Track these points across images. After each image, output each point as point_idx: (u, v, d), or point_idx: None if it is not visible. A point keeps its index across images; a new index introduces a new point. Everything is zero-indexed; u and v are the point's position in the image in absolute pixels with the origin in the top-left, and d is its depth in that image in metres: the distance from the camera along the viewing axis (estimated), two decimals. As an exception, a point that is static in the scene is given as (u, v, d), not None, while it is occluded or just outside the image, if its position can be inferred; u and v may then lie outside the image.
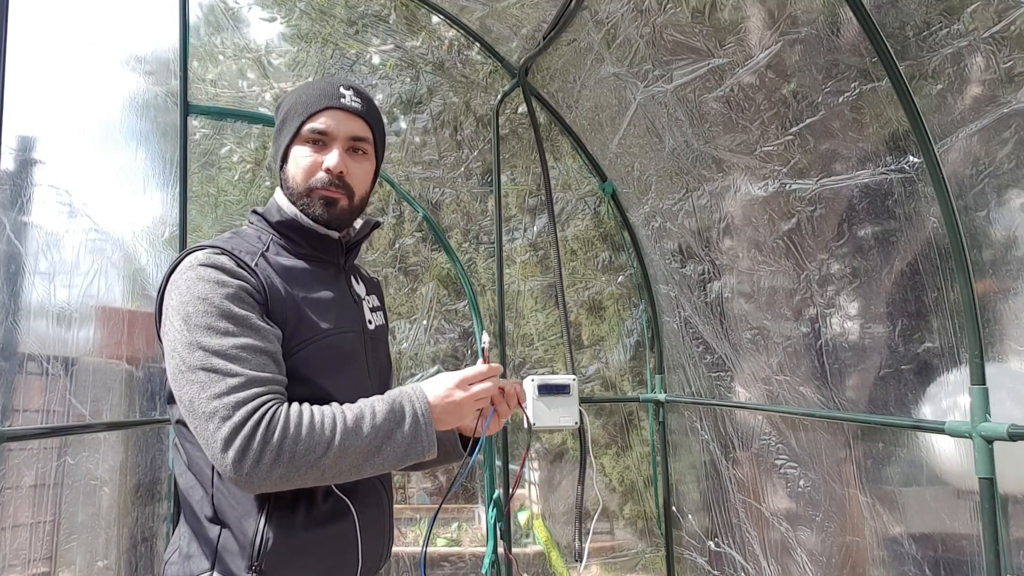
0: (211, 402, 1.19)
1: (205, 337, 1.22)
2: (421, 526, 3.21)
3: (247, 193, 2.96)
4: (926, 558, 1.95)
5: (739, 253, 2.60)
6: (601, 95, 2.89)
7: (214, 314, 1.23)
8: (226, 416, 1.18)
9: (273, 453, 1.18)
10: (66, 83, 2.20)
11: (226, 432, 1.17)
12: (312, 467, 1.20)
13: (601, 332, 3.29)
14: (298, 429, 1.20)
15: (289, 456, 1.18)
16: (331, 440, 1.21)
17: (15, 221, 1.88)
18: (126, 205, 2.45)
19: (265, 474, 1.17)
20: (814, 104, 2.13)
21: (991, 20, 1.64)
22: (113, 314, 2.27)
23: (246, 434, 1.17)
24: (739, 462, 2.72)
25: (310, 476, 1.21)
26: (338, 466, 1.23)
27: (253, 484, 1.19)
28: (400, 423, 1.28)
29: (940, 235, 1.84)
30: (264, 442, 1.17)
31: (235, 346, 1.22)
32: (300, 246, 1.45)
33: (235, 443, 1.16)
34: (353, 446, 1.23)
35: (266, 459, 1.17)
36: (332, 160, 1.41)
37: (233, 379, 1.20)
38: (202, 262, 1.29)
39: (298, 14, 3.02)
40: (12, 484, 1.80)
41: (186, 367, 1.22)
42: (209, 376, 1.20)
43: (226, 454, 1.17)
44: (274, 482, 1.19)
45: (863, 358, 2.15)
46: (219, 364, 1.20)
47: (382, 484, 1.48)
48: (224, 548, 1.29)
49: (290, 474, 1.19)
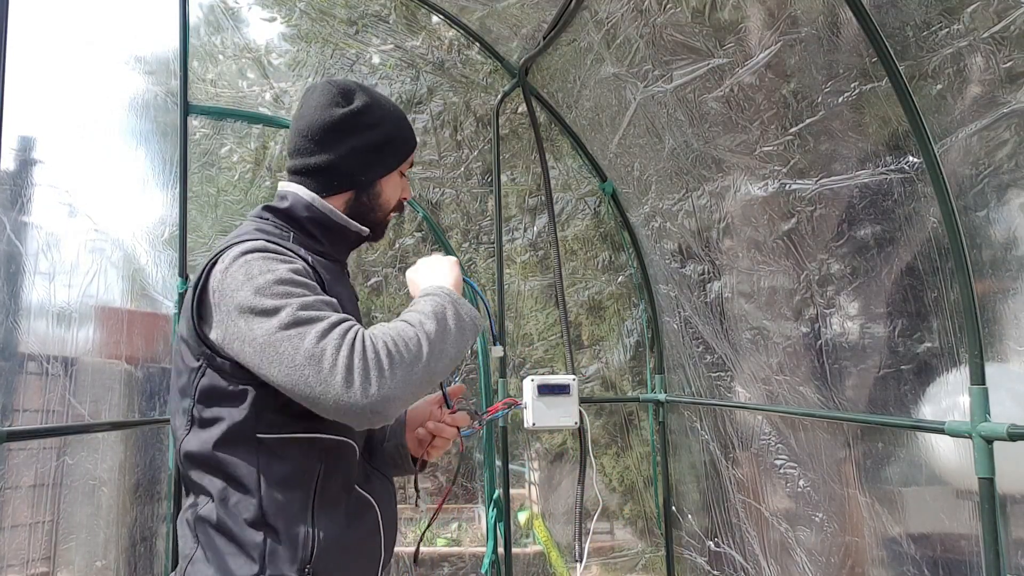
0: (315, 346, 1.20)
1: (283, 300, 1.24)
2: (421, 526, 3.21)
3: (247, 193, 2.96)
4: (926, 558, 1.95)
5: (739, 253, 2.60)
6: (601, 95, 2.89)
7: (286, 281, 1.26)
8: (335, 351, 1.20)
9: (390, 366, 1.21)
10: (66, 83, 2.20)
11: (343, 365, 1.19)
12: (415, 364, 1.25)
13: (601, 332, 3.29)
14: (392, 342, 1.24)
15: (399, 363, 1.23)
16: (417, 337, 1.27)
17: (15, 221, 1.88)
18: (126, 205, 2.45)
19: (389, 389, 1.20)
20: (814, 104, 2.13)
21: (991, 20, 1.64)
22: (113, 314, 2.27)
23: (360, 360, 1.20)
24: (739, 462, 2.72)
25: (418, 377, 1.25)
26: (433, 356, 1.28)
27: (381, 400, 1.20)
28: (444, 307, 1.35)
29: (940, 235, 1.84)
30: (377, 360, 1.21)
31: (316, 300, 1.26)
32: (319, 243, 1.47)
33: (356, 371, 1.19)
34: (432, 334, 1.29)
35: (387, 373, 1.21)
36: (410, 193, 1.63)
37: (323, 322, 1.23)
38: (250, 249, 1.30)
39: (298, 14, 3.02)
40: (11, 484, 1.80)
41: (275, 330, 1.22)
42: (301, 328, 1.22)
43: (350, 384, 1.19)
44: (397, 390, 1.22)
45: (863, 358, 2.15)
46: (306, 315, 1.23)
47: (386, 477, 1.51)
48: (272, 552, 1.28)
49: (406, 380, 1.23)
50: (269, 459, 1.29)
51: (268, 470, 1.29)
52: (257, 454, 1.29)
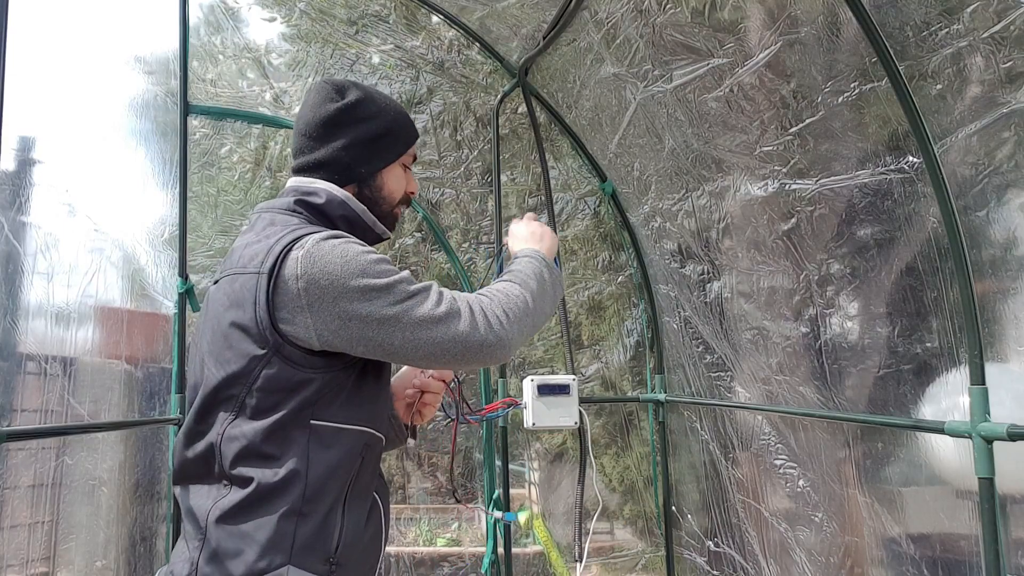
0: (438, 308, 1.31)
1: (391, 277, 1.32)
2: (421, 526, 3.21)
3: (247, 193, 2.96)
4: (925, 558, 1.95)
5: (739, 253, 2.60)
6: (601, 95, 2.89)
7: (381, 260, 1.33)
8: (457, 309, 1.33)
9: (508, 315, 1.37)
10: (66, 83, 2.20)
11: (467, 318, 1.32)
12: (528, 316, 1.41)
13: (601, 332, 3.29)
14: (503, 295, 1.40)
15: (514, 312, 1.38)
16: (523, 292, 1.43)
17: (14, 221, 1.88)
18: (126, 205, 2.45)
19: (511, 332, 1.36)
20: (814, 104, 2.12)
21: (991, 20, 1.64)
22: (112, 314, 2.27)
23: (480, 312, 1.34)
24: (739, 462, 2.72)
25: (530, 324, 1.43)
26: (538, 304, 1.46)
27: (508, 343, 1.35)
28: (539, 267, 1.52)
29: (940, 235, 1.84)
30: (494, 311, 1.35)
31: (411, 276, 1.36)
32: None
33: (479, 322, 1.33)
34: (532, 288, 1.46)
35: (505, 322, 1.35)
36: (415, 186, 1.63)
37: (432, 288, 1.35)
38: (328, 236, 1.34)
39: (298, 14, 3.02)
40: (11, 484, 1.80)
41: (396, 303, 1.30)
42: (419, 296, 1.32)
43: (477, 333, 1.32)
44: (516, 338, 1.38)
45: (863, 358, 2.15)
46: (418, 287, 1.34)
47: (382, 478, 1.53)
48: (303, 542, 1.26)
49: (523, 327, 1.40)
50: (318, 447, 1.29)
51: (316, 459, 1.29)
52: (308, 442, 1.29)
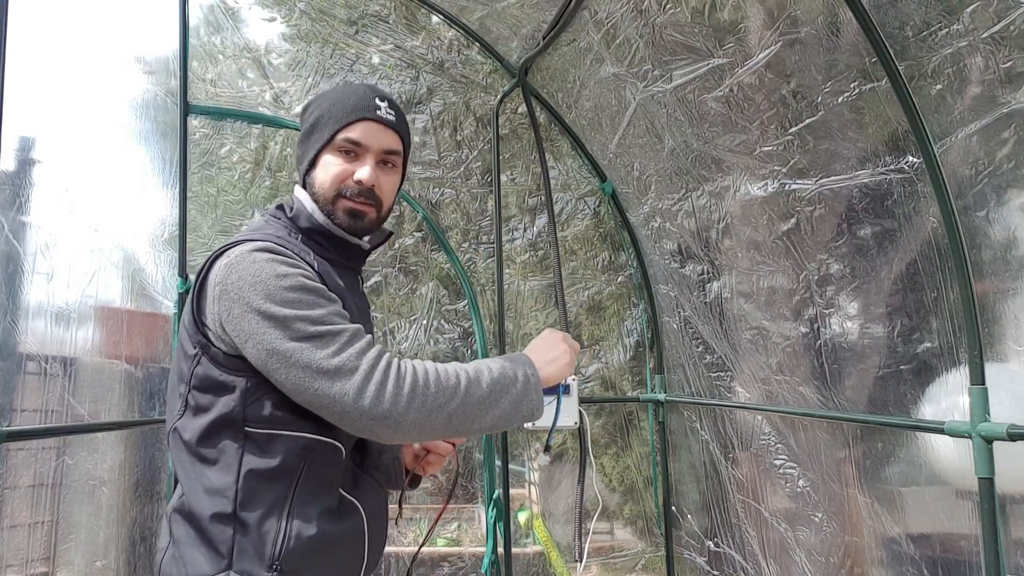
0: (331, 360, 1.21)
1: (298, 309, 1.23)
2: (421, 526, 3.21)
3: (247, 193, 2.96)
4: (925, 558, 1.95)
5: (738, 253, 2.60)
6: (601, 95, 2.89)
7: (298, 288, 1.25)
8: (354, 366, 1.21)
9: (408, 395, 1.22)
10: (66, 83, 2.20)
11: (358, 380, 1.20)
12: (440, 411, 1.24)
13: (601, 332, 3.29)
14: (425, 375, 1.25)
15: (421, 399, 1.22)
16: (456, 387, 1.26)
17: (14, 221, 1.88)
18: (126, 205, 2.45)
19: (403, 414, 1.21)
20: (814, 104, 2.12)
21: (991, 20, 1.64)
22: (112, 314, 2.27)
23: (379, 378, 1.21)
24: (738, 462, 2.72)
25: (438, 423, 1.25)
26: (464, 414, 1.27)
27: (392, 425, 1.21)
28: (513, 381, 1.33)
29: (939, 235, 1.83)
30: (398, 384, 1.21)
31: (330, 312, 1.26)
32: (328, 251, 1.46)
33: (369, 388, 1.20)
34: (477, 395, 1.28)
35: (403, 399, 1.21)
36: (365, 173, 1.43)
37: (343, 335, 1.23)
38: (259, 248, 1.29)
39: (298, 14, 3.02)
40: (10, 484, 1.80)
41: (290, 339, 1.22)
42: (319, 340, 1.22)
43: (361, 400, 1.19)
44: (411, 425, 1.22)
45: (862, 358, 2.14)
46: (322, 329, 1.23)
47: (377, 482, 1.50)
48: (240, 546, 1.28)
49: (422, 419, 1.23)
50: (253, 452, 1.29)
51: (250, 463, 1.28)
52: (243, 446, 1.29)
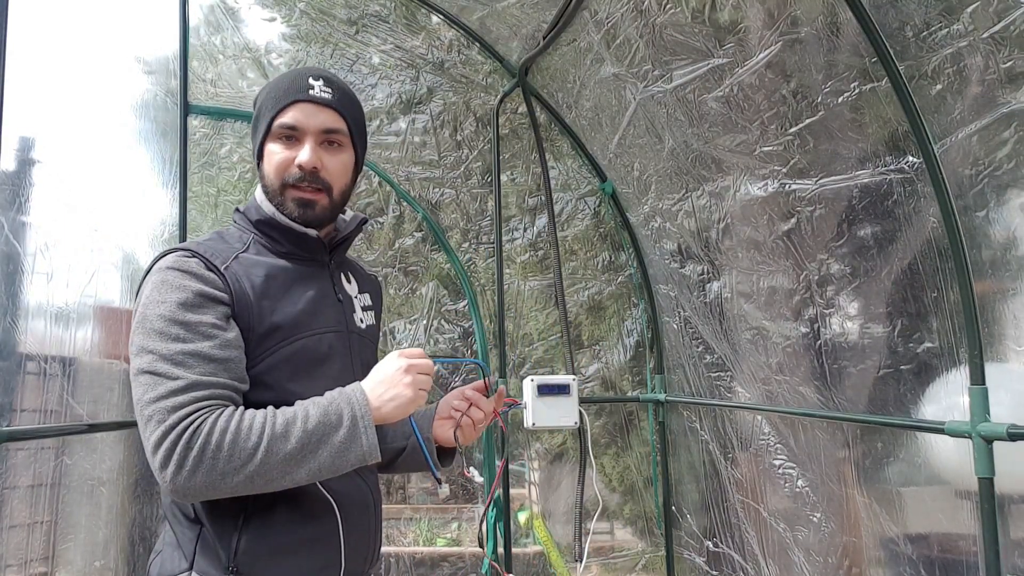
0: (149, 406, 1.18)
1: (154, 342, 1.22)
2: (421, 526, 3.21)
3: (247, 193, 2.96)
4: (925, 558, 1.95)
5: (739, 253, 2.60)
6: (601, 95, 2.89)
7: (167, 319, 1.23)
8: (160, 420, 1.17)
9: (195, 460, 1.15)
10: (66, 83, 2.20)
11: (157, 437, 1.16)
12: (236, 474, 1.17)
13: (601, 332, 3.29)
14: (222, 436, 1.17)
15: (211, 464, 1.16)
16: (256, 447, 1.18)
17: (13, 221, 1.88)
18: (125, 205, 2.45)
19: (187, 481, 1.15)
20: (814, 104, 2.12)
21: (991, 20, 1.63)
22: (112, 314, 2.27)
23: (172, 440, 1.15)
24: (738, 462, 2.72)
25: (237, 483, 1.18)
26: (267, 474, 1.19)
27: (179, 492, 1.17)
28: (336, 427, 1.24)
29: (940, 235, 1.83)
30: (187, 449, 1.15)
31: (183, 352, 1.21)
32: (281, 244, 1.43)
33: (162, 449, 1.16)
34: (281, 452, 1.20)
35: (188, 466, 1.15)
36: (304, 156, 1.38)
37: (173, 382, 1.19)
38: (170, 265, 1.29)
39: (298, 14, 3.02)
40: (9, 484, 1.80)
41: (135, 370, 1.22)
42: (152, 379, 1.19)
43: (155, 458, 1.17)
44: (200, 490, 1.17)
45: (862, 358, 2.14)
46: (163, 368, 1.20)
47: (367, 484, 1.46)
48: (202, 548, 1.29)
49: (215, 482, 1.17)
50: None
51: None
52: None
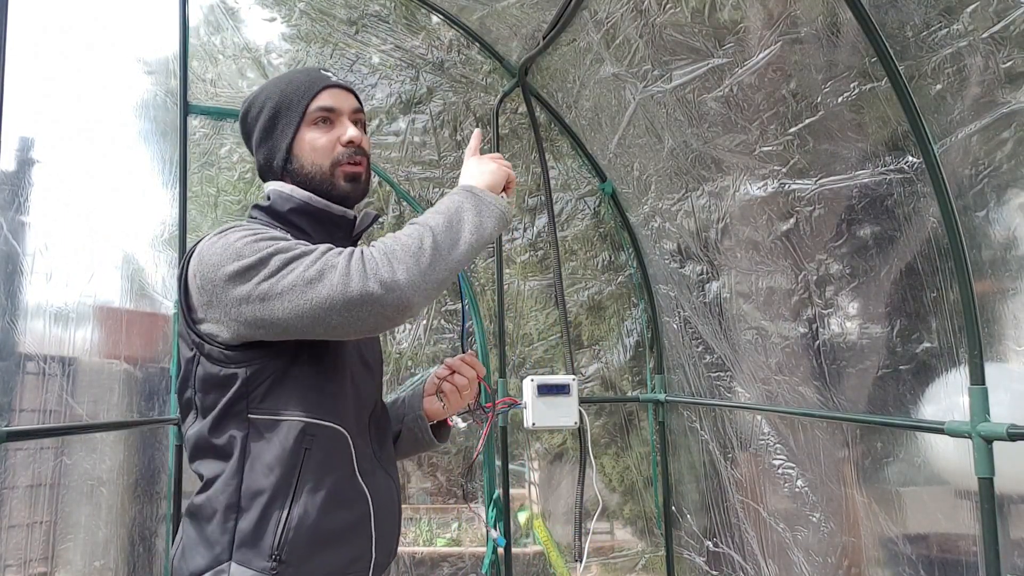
0: (312, 267, 1.21)
1: (265, 251, 1.24)
2: (421, 526, 3.21)
3: (247, 193, 2.96)
4: (925, 558, 1.95)
5: (738, 253, 2.60)
6: (601, 95, 2.89)
7: (263, 237, 1.27)
8: (333, 264, 1.21)
9: (387, 261, 1.21)
10: (66, 83, 2.20)
11: (342, 269, 1.20)
12: (422, 256, 1.23)
13: (601, 332, 3.29)
14: (387, 246, 1.24)
15: (402, 255, 1.22)
16: (420, 236, 1.26)
17: (13, 221, 1.88)
18: (125, 205, 2.45)
19: (392, 277, 1.20)
20: (813, 104, 2.12)
21: (990, 20, 1.63)
22: (111, 314, 2.27)
23: (357, 262, 1.21)
24: (738, 462, 2.72)
25: (428, 269, 1.24)
26: (439, 247, 1.26)
27: (392, 290, 1.20)
28: (462, 202, 1.35)
29: (939, 235, 1.83)
30: (374, 258, 1.22)
31: (294, 244, 1.27)
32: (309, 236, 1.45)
33: (352, 271, 1.20)
34: (440, 225, 1.29)
35: (395, 267, 1.21)
36: (352, 132, 1.46)
37: (315, 250, 1.24)
38: (224, 230, 1.31)
39: (298, 14, 3.02)
40: (9, 484, 1.80)
41: (266, 278, 1.23)
42: (296, 262, 1.23)
43: (366, 280, 1.19)
44: (405, 286, 1.21)
45: (862, 358, 2.14)
46: (296, 252, 1.24)
47: (392, 479, 1.49)
48: (242, 538, 1.28)
49: (413, 275, 1.22)
50: (256, 441, 1.30)
51: (254, 451, 1.30)
52: (247, 435, 1.30)
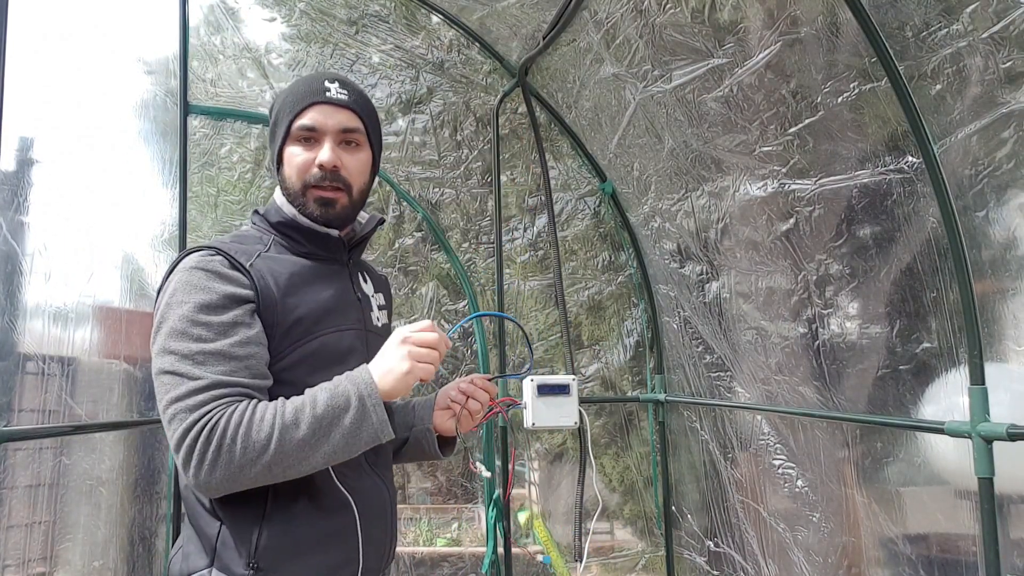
0: (172, 405, 1.21)
1: (176, 342, 1.24)
2: (421, 526, 3.21)
3: (247, 193, 2.96)
4: (924, 558, 1.95)
5: (738, 253, 2.60)
6: (601, 95, 2.89)
7: (189, 320, 1.25)
8: (182, 419, 1.20)
9: (213, 455, 1.18)
10: (65, 83, 2.20)
11: (179, 435, 1.20)
12: (252, 465, 1.20)
13: (601, 332, 3.29)
14: (236, 430, 1.19)
15: (227, 457, 1.19)
16: (269, 437, 1.20)
17: (12, 221, 1.88)
18: (125, 205, 2.45)
19: (208, 476, 1.19)
20: (813, 104, 2.12)
21: (990, 20, 1.63)
22: (111, 314, 2.27)
23: (192, 438, 1.19)
24: (738, 462, 2.72)
25: (256, 474, 1.21)
26: (283, 462, 1.22)
27: (203, 487, 1.21)
28: (344, 409, 1.25)
29: (939, 235, 1.83)
30: (206, 445, 1.18)
31: (204, 351, 1.23)
32: (302, 245, 1.45)
33: (184, 447, 1.19)
34: (294, 440, 1.21)
35: (207, 462, 1.18)
36: (324, 155, 1.40)
37: (194, 382, 1.21)
38: (195, 264, 1.30)
39: (298, 14, 3.02)
40: (8, 484, 1.80)
41: (157, 370, 1.25)
42: (174, 379, 1.22)
43: (178, 456, 1.20)
44: (222, 483, 1.20)
45: (862, 358, 2.14)
46: (183, 368, 1.22)
47: (383, 482, 1.47)
48: (223, 544, 1.29)
49: (234, 474, 1.20)
50: None
51: None
52: None
